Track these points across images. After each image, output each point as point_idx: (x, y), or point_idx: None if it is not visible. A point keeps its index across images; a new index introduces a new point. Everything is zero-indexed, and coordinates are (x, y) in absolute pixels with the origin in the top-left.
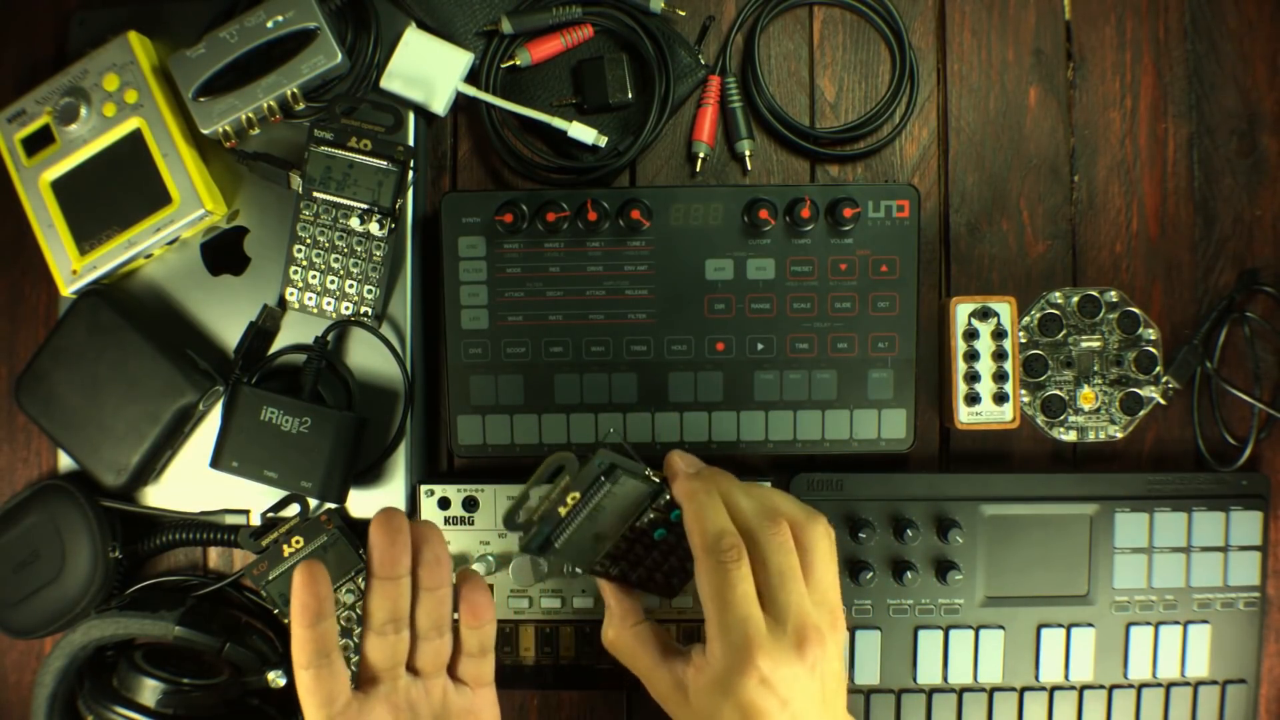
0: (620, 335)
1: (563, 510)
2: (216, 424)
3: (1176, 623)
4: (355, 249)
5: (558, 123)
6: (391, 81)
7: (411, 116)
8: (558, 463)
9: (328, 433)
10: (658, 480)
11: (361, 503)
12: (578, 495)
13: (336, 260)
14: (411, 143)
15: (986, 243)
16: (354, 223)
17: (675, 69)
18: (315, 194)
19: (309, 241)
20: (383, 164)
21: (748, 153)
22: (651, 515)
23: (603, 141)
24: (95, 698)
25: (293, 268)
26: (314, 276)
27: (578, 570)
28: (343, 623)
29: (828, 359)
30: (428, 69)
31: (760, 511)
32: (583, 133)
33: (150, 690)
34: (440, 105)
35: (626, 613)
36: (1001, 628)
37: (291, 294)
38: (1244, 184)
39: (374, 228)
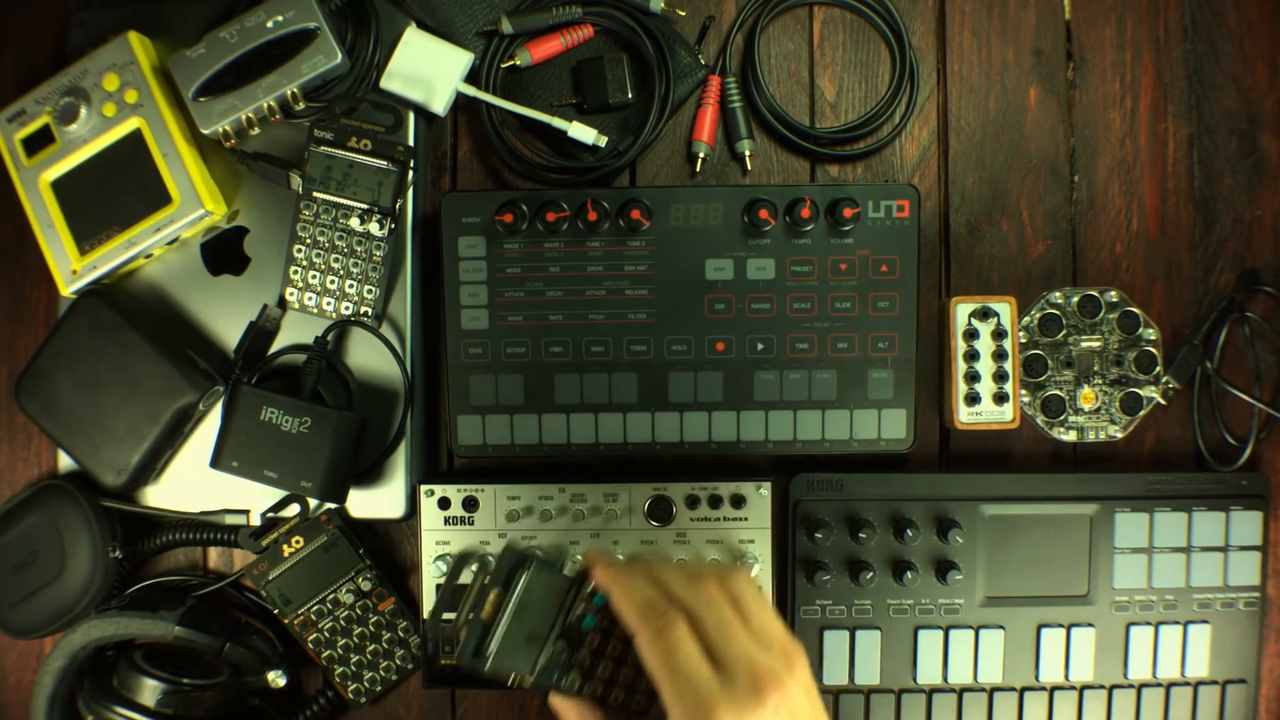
0: (620, 335)
1: (485, 612)
2: (216, 424)
3: (1176, 623)
4: (355, 249)
5: (558, 123)
6: (391, 81)
7: (411, 116)
8: (471, 562)
9: (328, 433)
10: (577, 573)
11: (361, 503)
12: (497, 592)
13: (336, 260)
14: (411, 143)
15: (986, 243)
16: (354, 223)
17: (675, 69)
18: (315, 194)
19: (309, 241)
20: (383, 164)
21: (748, 153)
22: (580, 607)
23: (603, 141)
24: (95, 698)
25: (293, 268)
26: (314, 276)
27: (535, 686)
28: (342, 623)
29: (828, 359)
30: (428, 69)
31: (681, 577)
32: (583, 133)
33: (150, 690)
34: (440, 105)
35: None
36: (1001, 628)
37: (291, 294)
38: (1244, 184)
39: (374, 228)
